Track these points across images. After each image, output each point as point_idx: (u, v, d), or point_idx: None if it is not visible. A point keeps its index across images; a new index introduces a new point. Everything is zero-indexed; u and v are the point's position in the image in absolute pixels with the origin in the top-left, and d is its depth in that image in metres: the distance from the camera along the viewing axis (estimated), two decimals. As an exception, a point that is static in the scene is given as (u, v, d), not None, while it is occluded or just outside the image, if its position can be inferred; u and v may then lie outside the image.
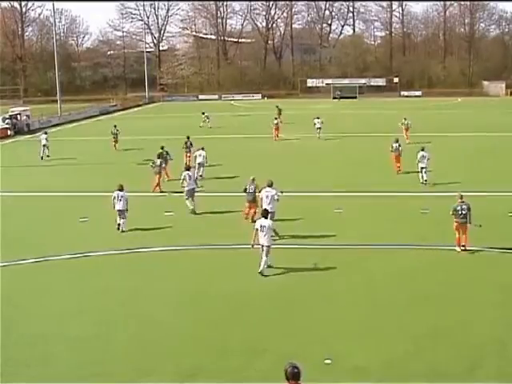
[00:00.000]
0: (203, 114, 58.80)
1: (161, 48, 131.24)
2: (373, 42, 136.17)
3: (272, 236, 18.01)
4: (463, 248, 19.59)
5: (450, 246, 19.79)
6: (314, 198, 24.82)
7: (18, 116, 62.10)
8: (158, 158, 30.32)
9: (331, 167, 35.80)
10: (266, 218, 17.79)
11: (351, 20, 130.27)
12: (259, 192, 21.92)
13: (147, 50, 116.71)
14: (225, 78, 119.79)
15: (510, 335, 13.67)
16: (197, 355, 12.99)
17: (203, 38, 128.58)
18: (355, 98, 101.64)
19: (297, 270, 18.00)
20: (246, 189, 22.95)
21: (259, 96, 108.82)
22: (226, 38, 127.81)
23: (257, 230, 17.55)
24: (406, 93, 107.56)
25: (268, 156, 40.14)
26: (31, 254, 19.76)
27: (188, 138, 36.11)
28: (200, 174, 31.87)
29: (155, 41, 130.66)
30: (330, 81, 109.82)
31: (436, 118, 66.14)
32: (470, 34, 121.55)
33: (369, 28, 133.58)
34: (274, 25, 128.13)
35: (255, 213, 22.56)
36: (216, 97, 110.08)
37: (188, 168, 25.79)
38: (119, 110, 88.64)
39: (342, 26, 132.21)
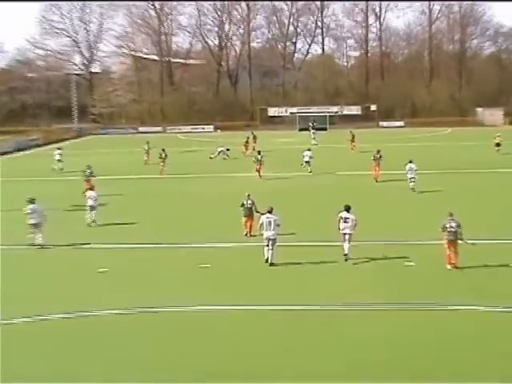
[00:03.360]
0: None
1: (92, 70, 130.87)
2: (345, 64, 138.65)
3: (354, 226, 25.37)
4: (453, 266, 23.37)
5: (439, 305, 20.23)
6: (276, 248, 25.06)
7: None
8: (259, 153, 49.80)
9: (298, 210, 36.08)
10: (348, 211, 25.48)
11: (320, 37, 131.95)
12: (259, 215, 27.24)
13: (76, 72, 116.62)
14: (170, 107, 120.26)
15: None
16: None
17: (144, 58, 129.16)
18: (325, 129, 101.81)
19: (264, 338, 18.24)
20: (243, 203, 29.94)
21: (211, 128, 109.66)
22: (172, 59, 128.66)
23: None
24: (385, 123, 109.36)
25: (219, 200, 40.40)
26: None
27: (89, 166, 45.06)
28: (309, 170, 50.63)
29: (85, 61, 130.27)
30: (295, 109, 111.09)
31: (421, 152, 66.80)
32: (460, 52, 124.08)
33: (341, 47, 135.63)
34: (229, 43, 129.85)
35: (251, 226, 29.37)
36: (159, 129, 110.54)
37: (32, 201, 29.05)
38: (41, 145, 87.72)
39: (309, 45, 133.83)
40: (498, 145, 63.02)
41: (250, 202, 29.97)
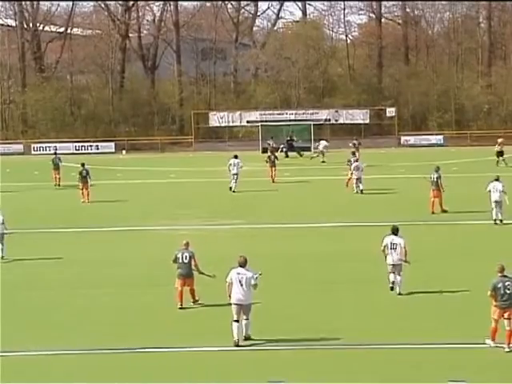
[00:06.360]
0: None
1: None
2: (343, 37, 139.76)
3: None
4: (510, 348, 25.21)
5: None
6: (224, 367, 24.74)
7: None
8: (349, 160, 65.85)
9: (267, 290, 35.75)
10: (397, 234, 32.16)
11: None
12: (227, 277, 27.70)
13: None
14: (38, 111, 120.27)
15: None
16: None
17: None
18: (308, 149, 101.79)
19: None
20: (176, 257, 31.53)
21: (111, 147, 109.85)
22: (41, 27, 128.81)
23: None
24: (410, 138, 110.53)
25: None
26: None
27: None
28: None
29: None
30: (256, 115, 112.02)
31: (473, 188, 66.52)
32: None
33: (334, 7, 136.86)
34: (141, 1, 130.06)
35: (193, 291, 31.52)
36: (19, 148, 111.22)
37: None
38: None
39: (281, 4, 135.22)
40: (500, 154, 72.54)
41: (186, 254, 31.35)
